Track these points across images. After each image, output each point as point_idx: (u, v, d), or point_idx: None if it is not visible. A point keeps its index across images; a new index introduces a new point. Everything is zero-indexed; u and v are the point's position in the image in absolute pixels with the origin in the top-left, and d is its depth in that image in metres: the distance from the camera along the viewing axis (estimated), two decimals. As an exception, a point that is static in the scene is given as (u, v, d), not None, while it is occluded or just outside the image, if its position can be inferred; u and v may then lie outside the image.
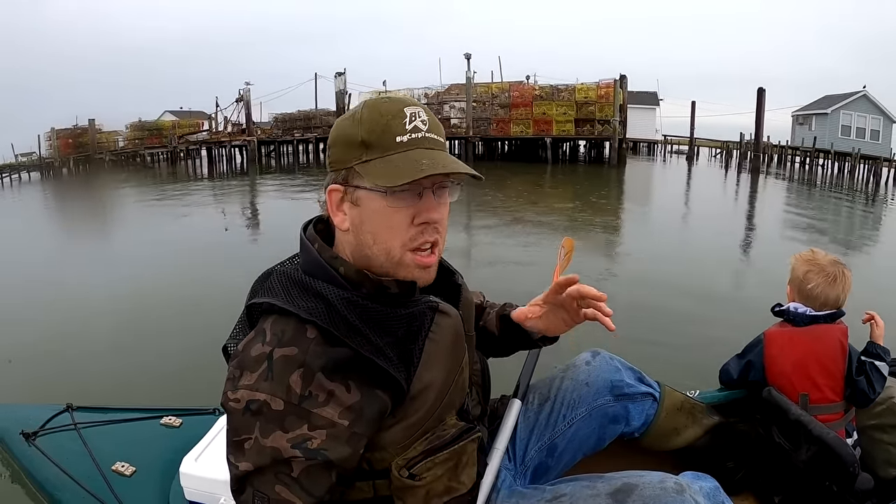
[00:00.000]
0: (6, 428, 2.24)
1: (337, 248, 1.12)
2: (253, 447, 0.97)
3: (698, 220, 13.16)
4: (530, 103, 28.19)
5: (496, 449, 1.36)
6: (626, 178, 22.30)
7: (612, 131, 26.25)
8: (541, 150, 27.99)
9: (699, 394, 1.99)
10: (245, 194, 17.25)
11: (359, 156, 1.05)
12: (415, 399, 1.06)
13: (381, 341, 1.03)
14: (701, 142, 36.89)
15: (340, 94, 29.09)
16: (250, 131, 30.12)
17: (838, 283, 1.94)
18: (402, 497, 1.07)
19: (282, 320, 1.02)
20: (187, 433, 2.03)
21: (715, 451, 1.80)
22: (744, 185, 21.38)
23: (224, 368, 1.07)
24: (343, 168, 1.07)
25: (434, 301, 1.13)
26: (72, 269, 7.34)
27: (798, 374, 1.90)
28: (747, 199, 17.73)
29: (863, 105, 30.19)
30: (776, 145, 33.14)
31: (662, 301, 5.50)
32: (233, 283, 5.44)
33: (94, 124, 28.68)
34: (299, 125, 33.08)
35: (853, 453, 1.65)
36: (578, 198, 15.27)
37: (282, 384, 0.96)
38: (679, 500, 1.13)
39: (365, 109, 1.07)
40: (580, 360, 1.60)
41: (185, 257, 8.00)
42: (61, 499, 1.88)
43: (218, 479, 1.56)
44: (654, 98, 38.20)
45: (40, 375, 3.79)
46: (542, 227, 10.67)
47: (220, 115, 32.62)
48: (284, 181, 19.95)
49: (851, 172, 25.33)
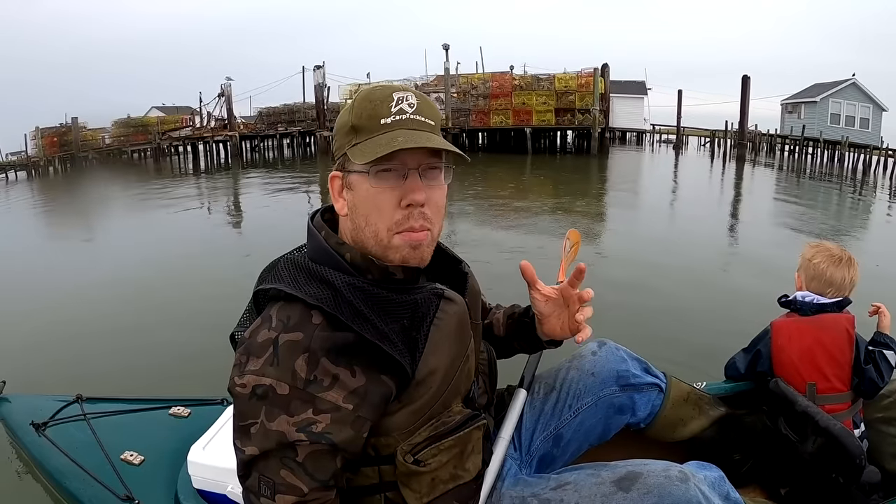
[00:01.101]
0: (17, 419, 2.26)
1: (342, 235, 1.13)
2: (259, 431, 0.97)
3: (671, 209, 12.79)
4: (510, 94, 27.91)
5: (501, 438, 1.36)
6: (606, 168, 21.71)
7: (592, 121, 25.98)
8: (527, 141, 27.58)
9: (706, 385, 1.98)
10: (225, 190, 17.03)
11: (350, 140, 1.07)
12: (420, 384, 1.06)
13: (387, 327, 1.03)
14: (690, 131, 36.73)
15: (319, 86, 29.02)
16: (232, 126, 30.03)
17: (844, 265, 1.98)
18: (407, 483, 1.08)
19: (288, 306, 1.03)
20: (195, 423, 2.05)
21: (721, 443, 1.80)
22: (718, 174, 20.94)
23: (231, 358, 1.07)
24: (341, 155, 1.09)
25: (440, 288, 1.14)
26: (77, 264, 7.39)
27: (805, 363, 1.90)
28: (719, 187, 17.50)
29: (852, 93, 29.92)
30: (765, 134, 32.97)
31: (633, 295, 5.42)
32: (237, 275, 5.56)
33: (76, 122, 28.44)
34: (284, 119, 33.04)
35: (860, 445, 1.64)
36: (546, 192, 14.88)
37: (287, 369, 0.97)
38: (683, 488, 1.13)
39: (357, 97, 1.09)
40: (586, 351, 1.60)
41: (186, 249, 8.05)
42: (71, 488, 1.90)
43: (225, 467, 1.57)
44: (642, 87, 37.95)
45: (50, 367, 3.82)
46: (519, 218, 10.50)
47: (203, 110, 32.55)
48: (263, 176, 19.68)
49: (840, 161, 25.19)
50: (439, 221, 1.12)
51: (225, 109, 30.43)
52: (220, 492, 1.63)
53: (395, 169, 1.04)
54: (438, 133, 1.11)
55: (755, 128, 32.85)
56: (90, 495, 1.82)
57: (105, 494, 1.78)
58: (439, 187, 1.10)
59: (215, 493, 1.64)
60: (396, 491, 1.09)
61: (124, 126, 31.92)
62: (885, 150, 24.66)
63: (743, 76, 25.24)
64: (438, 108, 1.16)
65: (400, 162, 1.04)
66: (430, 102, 1.12)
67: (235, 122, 30.79)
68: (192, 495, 1.67)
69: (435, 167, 1.09)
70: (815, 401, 1.84)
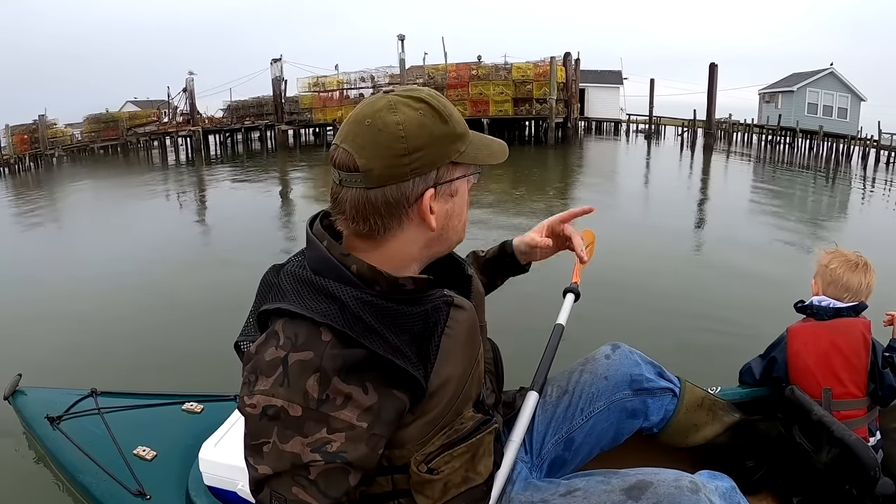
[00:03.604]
0: (32, 411, 2.29)
1: (347, 245, 1.08)
2: (272, 452, 0.96)
3: (613, 202, 12.22)
4: (467, 84, 27.33)
5: (512, 441, 1.35)
6: (561, 159, 20.73)
7: (549, 110, 25.45)
8: (483, 132, 26.99)
9: (720, 390, 1.97)
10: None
11: (457, 148, 1.05)
12: (433, 395, 1.04)
13: (398, 340, 1.00)
14: (667, 121, 36.39)
15: (277, 80, 28.99)
16: (194, 121, 29.99)
17: (860, 270, 1.99)
18: (420, 490, 1.07)
19: (293, 322, 1.00)
20: (208, 419, 2.06)
21: (735, 449, 1.78)
22: (676, 165, 20.38)
23: (241, 359, 1.07)
24: (433, 168, 1.03)
25: (449, 295, 1.11)
26: (91, 260, 7.45)
27: (821, 367, 1.89)
28: (674, 177, 17.21)
29: (830, 83, 29.71)
30: (742, 123, 32.76)
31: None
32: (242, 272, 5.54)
33: (44, 119, 27.86)
34: (252, 112, 32.78)
35: (875, 457, 1.62)
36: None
37: (298, 390, 0.95)
38: (694, 499, 1.12)
39: (439, 105, 1.04)
40: (600, 354, 1.59)
41: (188, 248, 8.12)
42: (83, 481, 1.92)
43: (236, 465, 1.57)
44: (618, 77, 37.76)
45: (66, 361, 3.86)
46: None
47: (172, 104, 32.45)
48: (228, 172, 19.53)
49: (816, 150, 25.04)
50: None
51: (189, 104, 30.48)
52: (230, 489, 1.64)
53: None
54: None
55: (729, 117, 32.72)
56: (102, 489, 1.84)
57: (117, 489, 1.80)
58: None
59: (226, 490, 1.65)
60: (409, 497, 1.08)
61: (95, 122, 31.59)
62: (862, 139, 24.53)
63: (710, 64, 25.20)
64: None
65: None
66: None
67: (199, 116, 30.74)
68: (204, 492, 1.68)
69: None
70: (830, 406, 1.83)
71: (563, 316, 1.78)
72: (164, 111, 33.07)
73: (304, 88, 30.98)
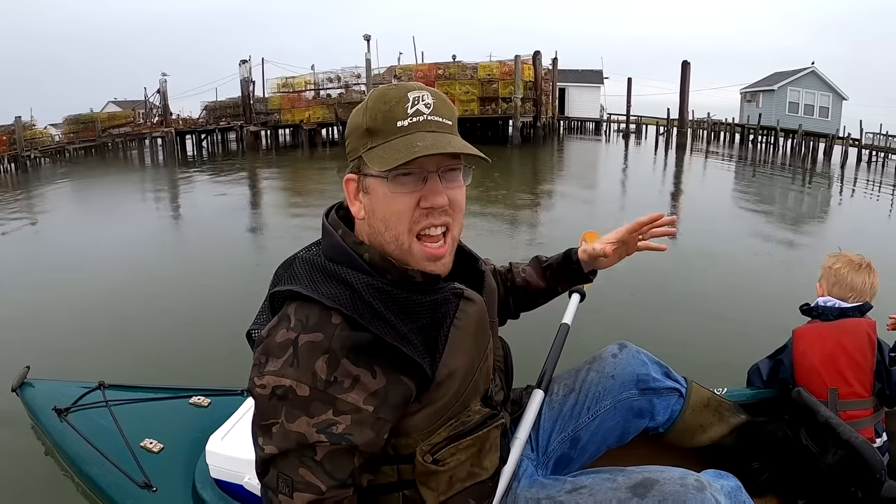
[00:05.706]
0: (39, 404, 2.30)
1: (358, 234, 1.11)
2: (279, 431, 0.97)
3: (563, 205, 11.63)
4: (433, 83, 26.50)
5: (518, 438, 1.36)
6: (522, 161, 19.81)
7: (514, 109, 24.99)
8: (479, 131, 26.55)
9: (727, 391, 1.97)
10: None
11: (365, 144, 1.04)
12: (440, 385, 1.06)
13: (406, 328, 1.02)
14: (647, 120, 36.36)
15: (245, 81, 28.81)
16: (167, 122, 29.77)
17: (864, 270, 2.02)
18: (425, 482, 1.08)
19: (305, 305, 1.02)
20: (215, 413, 2.07)
21: (740, 450, 1.78)
22: (649, 166, 19.89)
23: (251, 351, 1.08)
24: (356, 157, 1.07)
25: (459, 288, 1.13)
26: (101, 252, 7.47)
27: (827, 367, 1.90)
28: (630, 177, 16.81)
29: (811, 81, 29.71)
30: (722, 122, 32.73)
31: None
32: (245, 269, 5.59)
33: (20, 121, 27.01)
34: (229, 113, 32.40)
35: (881, 460, 1.61)
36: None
37: (307, 370, 0.96)
38: (699, 497, 1.12)
39: (371, 98, 1.06)
40: (607, 353, 1.59)
41: (204, 241, 8.11)
42: (90, 473, 1.93)
43: (243, 458, 1.59)
44: (599, 76, 37.66)
45: (73, 354, 3.87)
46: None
47: (148, 104, 32.16)
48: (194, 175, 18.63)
49: (797, 149, 24.94)
50: (460, 222, 1.11)
51: (162, 105, 30.18)
52: (237, 482, 1.65)
53: (415, 173, 1.02)
54: (456, 132, 1.09)
55: (708, 116, 32.79)
56: (109, 481, 1.85)
57: (124, 481, 1.81)
58: (459, 188, 1.08)
59: (233, 483, 1.66)
60: (414, 489, 1.09)
61: (74, 123, 31.25)
62: (844, 138, 24.54)
63: (683, 62, 24.94)
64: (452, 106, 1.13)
65: (419, 166, 1.01)
66: (446, 100, 1.09)
67: (171, 117, 30.48)
68: (210, 485, 1.68)
69: (454, 168, 1.07)
70: (836, 406, 1.84)
71: (568, 315, 1.79)
72: (139, 112, 32.94)
73: (274, 89, 30.89)
